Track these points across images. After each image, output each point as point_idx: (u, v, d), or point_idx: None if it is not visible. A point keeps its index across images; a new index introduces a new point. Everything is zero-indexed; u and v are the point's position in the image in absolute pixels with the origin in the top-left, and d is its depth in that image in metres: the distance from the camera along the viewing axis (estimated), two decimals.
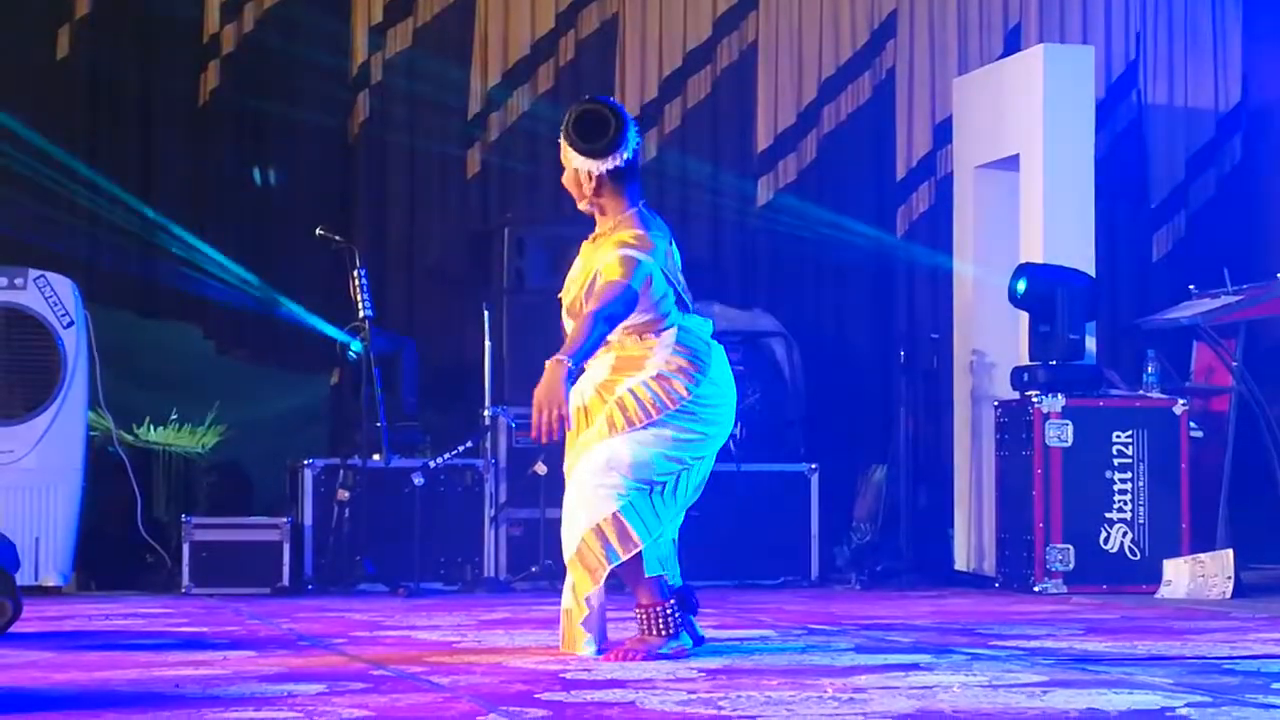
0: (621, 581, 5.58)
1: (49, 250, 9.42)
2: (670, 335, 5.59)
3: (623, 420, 5.50)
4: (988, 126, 10.02)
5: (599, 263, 5.58)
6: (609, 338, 5.55)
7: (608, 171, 5.63)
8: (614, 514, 5.45)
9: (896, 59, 10.87)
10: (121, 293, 9.79)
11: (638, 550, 5.45)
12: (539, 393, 5.26)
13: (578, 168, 5.65)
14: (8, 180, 9.55)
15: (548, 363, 5.32)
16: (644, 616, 5.52)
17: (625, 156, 5.64)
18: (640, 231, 5.62)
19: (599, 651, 5.47)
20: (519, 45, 10.42)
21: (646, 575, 5.50)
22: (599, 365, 5.62)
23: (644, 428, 5.50)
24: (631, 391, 5.52)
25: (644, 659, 5.33)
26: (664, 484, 5.56)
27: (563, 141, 5.69)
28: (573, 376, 5.35)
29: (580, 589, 5.51)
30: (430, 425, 9.49)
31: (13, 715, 4.03)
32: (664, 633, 5.49)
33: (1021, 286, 9.13)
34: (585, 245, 5.77)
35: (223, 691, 4.55)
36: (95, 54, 9.98)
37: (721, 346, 5.77)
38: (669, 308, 5.62)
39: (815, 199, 10.62)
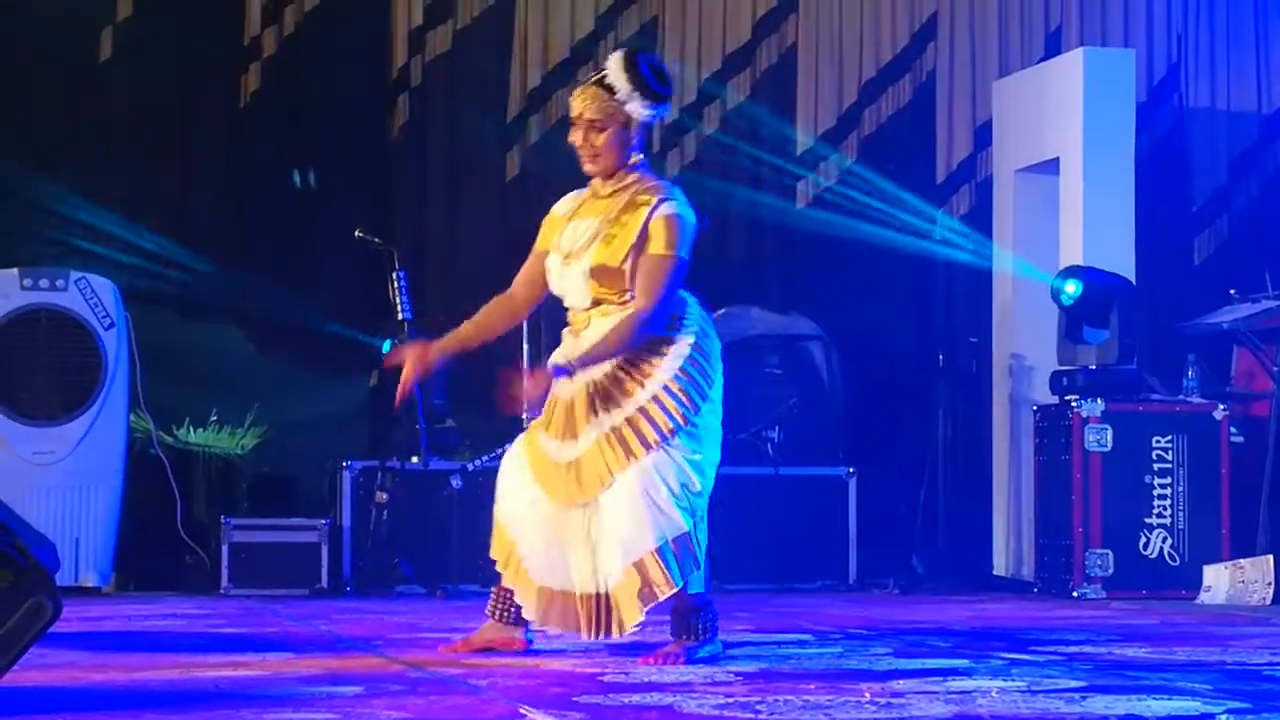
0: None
1: (90, 251, 9.47)
2: (685, 344, 5.40)
3: (667, 420, 5.32)
4: (1028, 130, 10.00)
5: (648, 225, 5.37)
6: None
7: (647, 124, 5.49)
8: (686, 533, 5.32)
9: (937, 61, 10.85)
10: (162, 294, 9.83)
11: (697, 571, 5.38)
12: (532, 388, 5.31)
13: (636, 114, 5.42)
14: (47, 182, 9.59)
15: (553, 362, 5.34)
16: (679, 621, 5.50)
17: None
18: (675, 193, 5.46)
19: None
20: (559, 47, 10.43)
21: (691, 593, 5.45)
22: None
23: (676, 439, 5.33)
24: (656, 400, 5.33)
25: (683, 663, 5.31)
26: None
27: (623, 82, 5.38)
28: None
29: (629, 619, 5.34)
30: (469, 428, 9.50)
31: (52, 715, 4.05)
32: (699, 637, 5.47)
33: (1074, 289, 9.07)
34: (593, 202, 5.52)
35: (261, 693, 4.56)
36: (137, 56, 10.03)
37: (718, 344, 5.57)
38: (687, 295, 5.47)
39: (855, 202, 10.60)
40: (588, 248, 5.46)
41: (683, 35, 10.56)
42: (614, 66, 5.43)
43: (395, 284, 8.96)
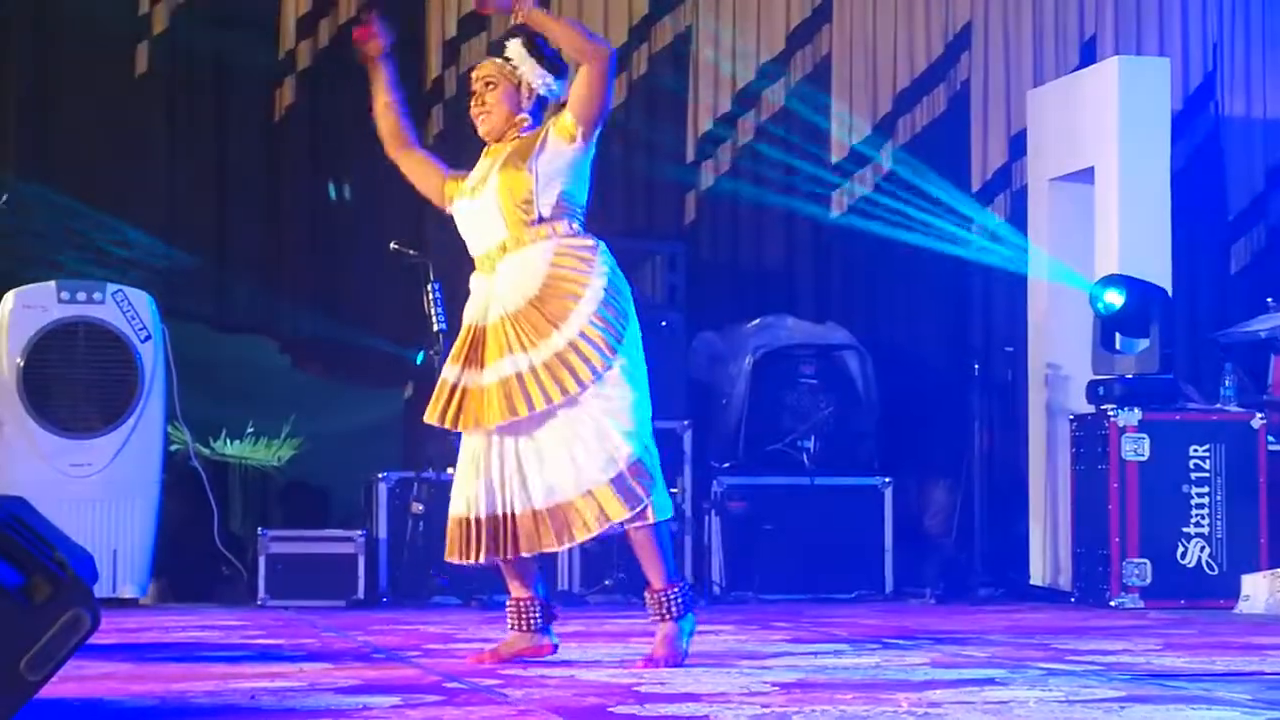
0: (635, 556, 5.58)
1: (126, 264, 9.51)
2: (599, 286, 5.51)
3: (586, 369, 5.41)
4: (1063, 139, 9.98)
5: (548, 131, 5.57)
6: (548, 233, 5.55)
7: (542, 98, 5.68)
8: (638, 459, 5.43)
9: (971, 71, 10.84)
10: (198, 307, 9.86)
11: (652, 489, 5.44)
12: None
13: (529, 80, 5.63)
14: (84, 196, 9.63)
15: None
16: (654, 601, 5.56)
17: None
18: None
19: None
20: None
21: (657, 520, 5.46)
22: (518, 284, 5.51)
23: (595, 385, 5.42)
24: (573, 347, 5.42)
25: (679, 660, 5.44)
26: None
27: (519, 53, 5.62)
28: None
29: (573, 538, 5.49)
30: None
31: None
32: (675, 615, 5.53)
33: (1116, 299, 9.03)
34: (489, 152, 5.72)
35: (298, 703, 4.56)
36: (172, 71, 10.07)
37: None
38: (597, 239, 5.63)
39: (889, 211, 10.59)
40: (491, 172, 5.63)
41: (716, 45, 10.56)
42: (512, 44, 5.69)
43: (430, 295, 8.97)
